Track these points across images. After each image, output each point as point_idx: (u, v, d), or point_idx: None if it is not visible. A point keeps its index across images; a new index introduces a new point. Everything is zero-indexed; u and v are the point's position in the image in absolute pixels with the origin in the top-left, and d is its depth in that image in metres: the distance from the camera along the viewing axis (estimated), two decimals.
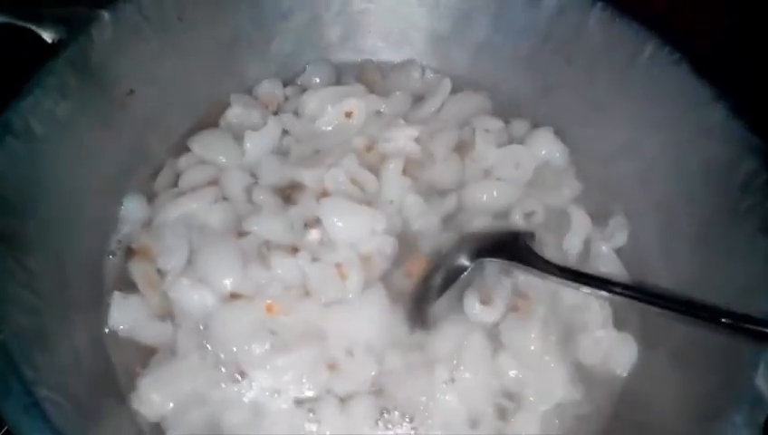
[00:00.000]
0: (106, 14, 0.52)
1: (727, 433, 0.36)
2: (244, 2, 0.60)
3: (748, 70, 0.64)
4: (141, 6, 0.54)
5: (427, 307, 0.54)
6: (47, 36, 0.50)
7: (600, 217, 0.61)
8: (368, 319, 0.53)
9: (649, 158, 0.58)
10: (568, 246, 0.59)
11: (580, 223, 0.59)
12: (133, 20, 0.54)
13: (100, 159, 0.55)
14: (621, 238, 0.59)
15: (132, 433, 0.47)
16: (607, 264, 0.58)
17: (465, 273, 0.54)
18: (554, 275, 0.50)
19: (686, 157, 0.54)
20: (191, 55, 0.60)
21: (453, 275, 0.54)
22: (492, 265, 0.55)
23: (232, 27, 0.61)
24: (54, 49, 0.50)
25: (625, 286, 0.47)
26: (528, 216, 0.60)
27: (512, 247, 0.54)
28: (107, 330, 0.51)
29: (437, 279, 0.54)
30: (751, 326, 0.38)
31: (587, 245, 0.59)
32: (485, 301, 0.54)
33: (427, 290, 0.54)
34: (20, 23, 0.49)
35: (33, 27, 0.49)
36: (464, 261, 0.54)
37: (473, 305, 0.53)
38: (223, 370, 0.50)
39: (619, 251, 0.59)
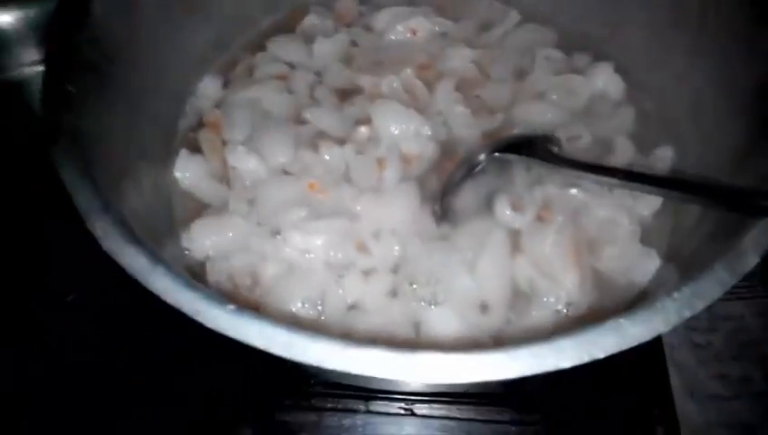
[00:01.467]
0: None
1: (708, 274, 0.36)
2: None
3: None
4: None
5: (451, 201, 0.57)
6: None
7: (646, 148, 0.61)
8: (398, 208, 0.57)
9: (701, 88, 0.58)
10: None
11: (622, 150, 0.60)
12: None
13: (188, 40, 0.62)
14: (663, 167, 0.59)
15: (179, 268, 0.54)
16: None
17: (480, 166, 0.57)
18: (563, 166, 0.53)
19: (735, 82, 0.53)
20: None
21: (470, 169, 0.57)
22: (522, 174, 0.58)
23: None
24: None
25: (627, 173, 0.49)
26: (571, 139, 0.62)
27: (527, 145, 0.56)
28: (172, 178, 0.58)
29: (460, 173, 0.57)
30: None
31: None
32: (516, 207, 0.57)
33: (450, 183, 0.57)
34: None
35: None
36: (482, 157, 0.57)
37: (504, 209, 0.56)
38: (263, 226, 0.56)
39: None
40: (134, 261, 0.38)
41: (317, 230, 0.54)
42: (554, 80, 0.65)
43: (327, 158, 0.59)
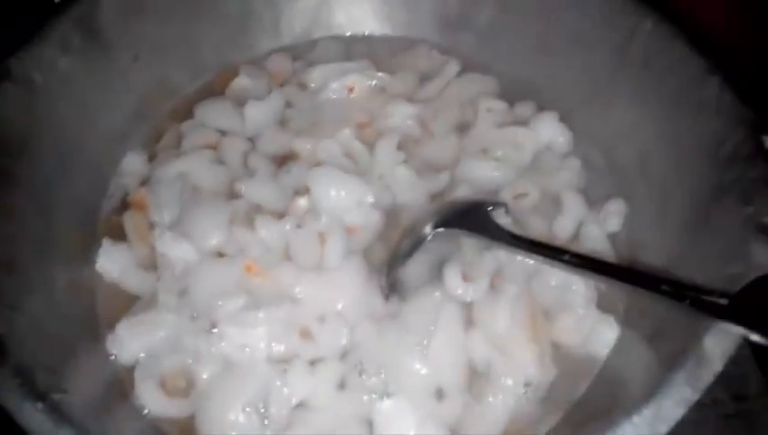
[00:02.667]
0: None
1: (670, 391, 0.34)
2: None
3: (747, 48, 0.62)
4: None
5: (397, 275, 0.54)
6: None
7: (597, 202, 0.59)
8: (343, 287, 0.53)
9: (648, 138, 0.56)
10: (558, 230, 0.57)
11: (573, 206, 0.58)
12: None
13: (103, 115, 0.58)
14: (616, 223, 0.57)
15: (106, 375, 0.49)
16: (596, 246, 0.56)
17: (426, 241, 0.54)
18: (509, 244, 0.51)
19: (681, 134, 0.52)
20: (199, 24, 0.63)
21: (417, 243, 0.54)
22: (471, 241, 0.55)
23: (241, 2, 0.63)
24: (59, 7, 0.52)
25: (574, 255, 0.47)
26: (519, 197, 0.59)
27: (470, 217, 0.54)
28: (92, 273, 0.54)
29: (405, 246, 0.54)
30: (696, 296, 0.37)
31: (578, 228, 0.58)
32: (467, 277, 0.54)
33: (396, 257, 0.54)
34: None
35: None
36: (428, 229, 0.54)
37: (454, 281, 0.53)
38: (198, 321, 0.51)
39: (612, 237, 0.57)
40: None
41: (256, 322, 0.50)
42: (498, 133, 0.63)
43: (264, 235, 0.55)
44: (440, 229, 0.54)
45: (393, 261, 0.54)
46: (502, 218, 0.56)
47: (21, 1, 0.53)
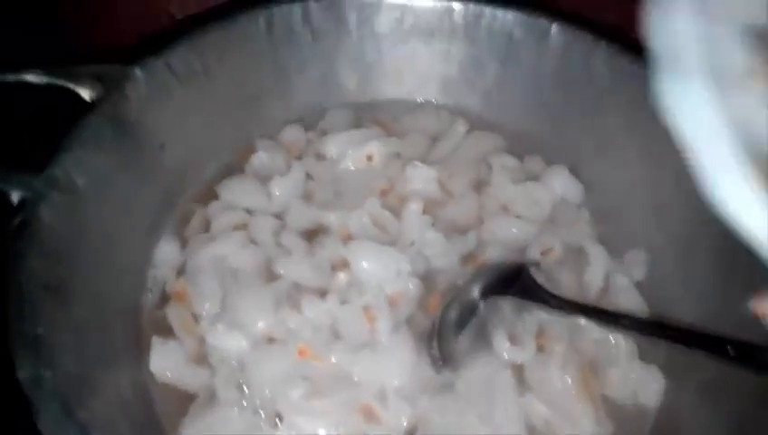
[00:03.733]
0: (138, 72, 0.54)
1: None
2: (264, 57, 0.62)
3: None
4: (170, 63, 0.56)
5: (448, 345, 0.55)
6: (85, 94, 0.51)
7: (617, 251, 0.62)
8: (397, 362, 0.54)
9: (662, 191, 0.59)
10: (589, 282, 0.60)
11: (598, 259, 0.61)
12: (162, 76, 0.56)
13: (135, 207, 0.57)
14: (639, 272, 0.61)
15: None
16: (627, 298, 0.59)
17: (479, 310, 0.56)
18: (558, 308, 0.53)
19: (695, 192, 0.55)
20: (217, 107, 0.63)
21: (468, 312, 0.56)
22: (509, 301, 0.57)
23: (254, 80, 0.64)
24: (92, 106, 0.51)
25: (621, 316, 0.51)
26: (545, 252, 0.62)
27: (517, 282, 0.56)
28: (146, 374, 0.53)
29: (453, 315, 0.56)
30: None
31: (606, 280, 0.61)
32: (513, 339, 0.56)
33: (445, 327, 0.55)
34: (60, 82, 0.51)
35: (72, 86, 0.51)
36: (476, 297, 0.56)
37: (503, 345, 0.55)
38: (262, 415, 0.51)
39: (638, 285, 0.60)
40: None
41: (322, 408, 0.51)
42: (515, 190, 0.66)
43: (310, 315, 0.56)
44: (492, 297, 0.56)
45: (442, 331, 0.56)
46: (537, 277, 0.59)
47: (56, 103, 0.51)
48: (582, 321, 0.56)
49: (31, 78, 0.50)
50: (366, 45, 0.69)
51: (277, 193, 0.64)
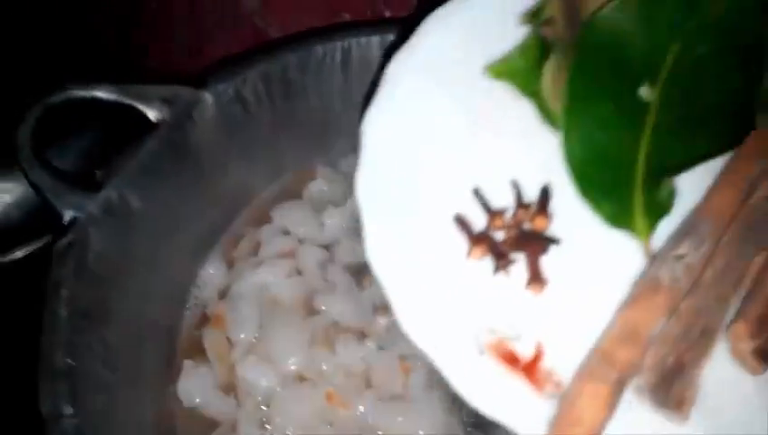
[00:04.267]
0: (209, 97, 0.54)
1: None
2: (335, 89, 0.61)
3: None
4: (240, 90, 0.56)
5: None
6: (151, 115, 0.52)
7: None
8: (428, 421, 0.52)
9: None
10: None
11: None
12: (231, 103, 0.56)
13: (187, 229, 0.57)
14: None
15: None
16: None
17: None
18: None
19: None
20: (283, 133, 0.62)
21: None
22: None
23: (322, 110, 0.62)
24: (156, 127, 0.52)
25: None
26: None
27: None
28: (173, 397, 0.53)
29: None
30: None
31: None
32: None
33: None
34: (128, 101, 0.52)
35: (140, 106, 0.52)
36: None
37: None
38: None
39: None
40: None
41: None
42: None
43: (344, 358, 0.54)
44: None
45: None
46: None
47: (121, 121, 0.52)
48: None
49: (101, 94, 0.50)
50: None
51: (329, 223, 0.63)
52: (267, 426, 0.52)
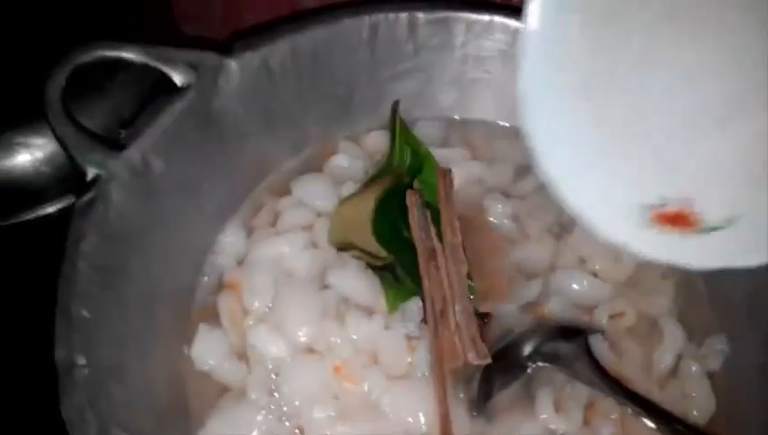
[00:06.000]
0: (234, 64, 0.54)
1: None
2: (361, 64, 0.61)
3: None
4: (266, 59, 0.56)
5: (488, 393, 0.53)
6: (177, 80, 0.52)
7: (695, 334, 0.57)
8: (430, 399, 0.52)
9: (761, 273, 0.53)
10: (657, 361, 0.55)
11: (673, 338, 0.56)
12: (257, 71, 0.56)
13: (208, 194, 0.58)
14: (716, 362, 0.55)
15: None
16: (696, 388, 0.54)
17: (526, 372, 0.54)
18: (609, 394, 0.51)
19: None
20: (306, 104, 0.62)
21: (512, 373, 0.54)
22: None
23: (347, 84, 0.62)
24: (181, 91, 0.52)
25: (675, 419, 0.48)
26: (615, 317, 0.58)
27: (570, 349, 0.53)
28: (185, 360, 0.54)
29: (497, 372, 0.53)
30: None
31: (676, 362, 0.56)
32: (558, 405, 0.52)
33: (488, 380, 0.53)
34: (156, 64, 0.52)
35: (166, 69, 0.52)
36: (525, 355, 0.54)
37: (547, 410, 0.52)
38: (287, 424, 0.51)
39: (711, 375, 0.55)
40: None
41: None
42: (597, 244, 0.61)
43: (353, 333, 0.55)
44: (540, 365, 0.53)
45: (484, 380, 0.53)
46: (598, 342, 0.55)
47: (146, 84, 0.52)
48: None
49: (128, 55, 0.51)
50: (469, 64, 0.66)
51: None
52: (275, 394, 0.53)
